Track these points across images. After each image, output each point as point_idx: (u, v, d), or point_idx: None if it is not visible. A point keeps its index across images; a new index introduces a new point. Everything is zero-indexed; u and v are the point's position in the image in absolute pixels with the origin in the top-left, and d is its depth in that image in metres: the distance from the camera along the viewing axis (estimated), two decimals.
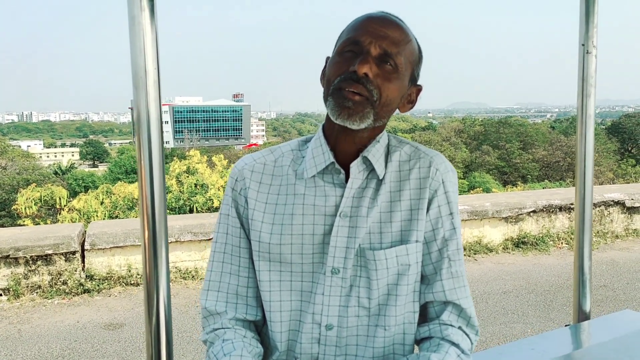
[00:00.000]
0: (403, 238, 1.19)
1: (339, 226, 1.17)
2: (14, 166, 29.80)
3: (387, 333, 1.19)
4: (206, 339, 1.22)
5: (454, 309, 1.22)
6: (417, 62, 1.21)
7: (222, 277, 1.24)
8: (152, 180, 1.10)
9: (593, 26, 1.55)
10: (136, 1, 1.02)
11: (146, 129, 1.09)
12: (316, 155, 1.20)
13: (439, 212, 1.21)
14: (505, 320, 4.47)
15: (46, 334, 4.25)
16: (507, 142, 42.41)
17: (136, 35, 1.04)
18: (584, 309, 1.57)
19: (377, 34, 1.12)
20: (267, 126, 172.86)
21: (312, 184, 1.20)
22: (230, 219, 1.24)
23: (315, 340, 1.19)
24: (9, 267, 4.91)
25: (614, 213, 7.16)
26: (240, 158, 1.31)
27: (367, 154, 1.19)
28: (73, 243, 5.01)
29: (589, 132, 1.59)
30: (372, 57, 1.11)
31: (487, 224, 6.51)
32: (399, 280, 1.19)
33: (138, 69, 1.06)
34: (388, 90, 1.13)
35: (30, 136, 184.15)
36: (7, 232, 5.35)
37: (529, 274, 5.65)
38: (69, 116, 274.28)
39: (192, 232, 5.41)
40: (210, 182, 10.67)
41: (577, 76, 1.59)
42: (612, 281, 5.40)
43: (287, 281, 1.20)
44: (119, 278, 5.20)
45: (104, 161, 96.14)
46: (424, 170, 1.21)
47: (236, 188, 1.24)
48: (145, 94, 1.07)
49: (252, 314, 1.23)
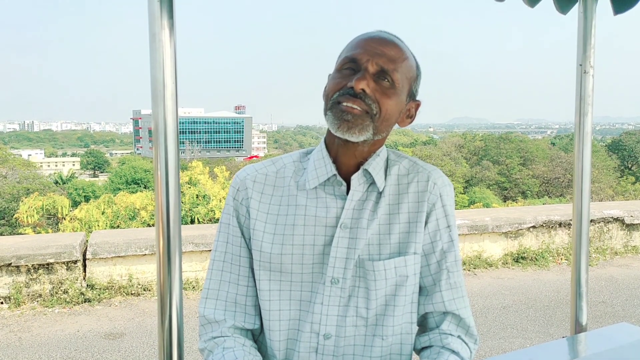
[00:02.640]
0: (401, 250, 1.21)
1: (339, 237, 1.20)
2: (14, 175, 29.82)
3: (385, 343, 1.22)
4: (204, 347, 1.23)
5: (453, 319, 1.25)
6: (415, 78, 1.24)
7: (221, 285, 1.25)
8: (167, 189, 1.14)
9: (590, 47, 1.60)
10: (157, 20, 1.08)
11: (163, 140, 1.13)
12: (318, 167, 1.23)
13: (437, 225, 1.25)
14: (505, 335, 4.48)
15: (46, 342, 4.26)
16: (507, 157, 42.49)
17: (156, 51, 1.09)
18: (581, 321, 1.60)
19: (374, 52, 1.16)
20: (268, 138, 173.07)
21: (314, 195, 1.23)
22: (231, 228, 1.26)
23: (313, 349, 1.21)
24: (11, 275, 4.93)
25: (613, 230, 7.18)
26: (242, 168, 1.33)
27: (368, 167, 1.22)
28: (75, 252, 5.03)
29: (586, 149, 1.63)
30: (370, 73, 1.15)
31: (487, 238, 6.53)
32: (397, 291, 1.21)
33: (157, 83, 1.11)
34: (387, 105, 1.16)
35: (32, 145, 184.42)
36: (9, 241, 5.37)
37: (528, 289, 5.66)
38: (70, 126, 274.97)
39: (194, 242, 5.43)
40: (212, 193, 10.70)
41: (575, 95, 1.64)
42: (611, 297, 5.41)
43: (287, 290, 1.22)
44: (119, 288, 5.21)
45: (104, 171, 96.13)
46: (422, 184, 1.25)
47: (238, 198, 1.26)
48: (163, 107, 1.12)
49: (251, 323, 1.25)
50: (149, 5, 1.08)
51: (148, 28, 1.07)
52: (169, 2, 1.09)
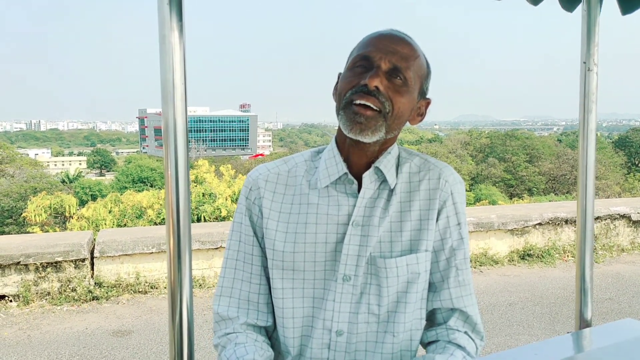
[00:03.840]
0: (413, 247, 1.23)
1: (351, 235, 1.21)
2: (22, 174, 30.02)
3: (396, 339, 1.23)
4: (218, 342, 1.26)
5: (461, 315, 1.26)
6: (426, 76, 1.25)
7: (234, 283, 1.27)
8: (177, 188, 1.16)
9: (594, 45, 1.61)
10: (167, 22, 1.10)
11: (173, 140, 1.15)
12: (329, 166, 1.24)
13: (447, 223, 1.26)
14: (511, 331, 4.48)
15: (55, 340, 4.30)
16: (513, 154, 42.35)
17: (166, 53, 1.11)
18: (586, 317, 1.62)
19: (387, 49, 1.17)
20: (273, 136, 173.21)
21: (326, 194, 1.24)
22: (244, 227, 1.28)
23: (325, 345, 1.22)
24: (19, 273, 4.98)
25: (619, 226, 7.16)
26: (255, 168, 1.35)
27: (379, 165, 1.23)
28: (83, 250, 5.07)
29: (590, 146, 1.65)
30: (383, 71, 1.16)
31: (492, 235, 6.53)
32: (408, 288, 1.23)
33: (167, 84, 1.13)
34: (399, 103, 1.18)
35: (39, 144, 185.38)
36: (18, 239, 5.41)
37: (534, 286, 5.66)
38: (77, 125, 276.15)
39: (200, 240, 5.46)
40: (218, 191, 10.73)
41: (579, 93, 1.66)
42: (618, 294, 5.41)
43: (300, 288, 1.24)
44: (127, 286, 5.25)
45: (110, 170, 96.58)
46: (434, 182, 1.26)
47: (250, 197, 1.28)
48: (172, 107, 1.14)
49: (263, 320, 1.27)
50: (158, 8, 1.10)
51: (158, 30, 1.09)
52: (178, 5, 1.11)
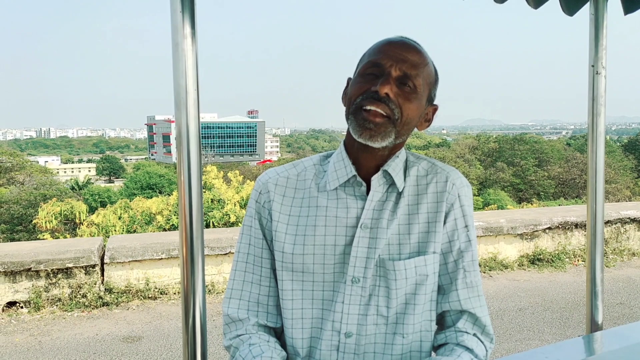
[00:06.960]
0: (421, 249, 1.24)
1: (360, 237, 1.22)
2: (31, 181, 30.28)
3: (405, 341, 1.24)
4: (230, 344, 1.26)
5: (470, 318, 1.27)
6: (434, 83, 1.28)
7: (244, 285, 1.29)
8: (190, 193, 1.18)
9: (602, 48, 1.62)
10: (179, 29, 1.12)
11: (186, 146, 1.17)
12: (338, 169, 1.26)
13: (455, 225, 1.27)
14: (521, 337, 4.46)
15: (66, 346, 4.32)
16: (522, 159, 42.15)
17: (179, 60, 1.13)
18: (597, 320, 1.61)
19: (397, 57, 1.19)
20: (281, 142, 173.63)
21: (334, 196, 1.26)
22: (253, 230, 1.30)
23: (334, 347, 1.23)
24: (30, 279, 5.02)
25: (630, 230, 7.11)
26: (264, 171, 1.36)
27: (388, 168, 1.25)
28: (93, 257, 5.10)
29: (599, 150, 1.65)
30: (393, 78, 1.18)
31: (502, 240, 6.50)
32: (417, 290, 1.24)
33: (180, 90, 1.15)
34: (408, 110, 1.20)
35: (48, 152, 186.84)
36: (29, 246, 5.46)
37: (544, 291, 5.63)
38: (86, 132, 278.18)
39: (209, 246, 5.48)
40: (227, 197, 10.77)
41: (587, 96, 1.67)
42: (629, 299, 5.37)
43: (309, 290, 1.25)
44: (137, 292, 5.28)
45: (119, 177, 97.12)
46: (441, 185, 1.27)
47: (260, 200, 1.30)
48: (185, 113, 1.16)
49: (273, 322, 1.28)
50: (171, 15, 1.12)
51: (171, 37, 1.11)
52: (190, 12, 1.13)
